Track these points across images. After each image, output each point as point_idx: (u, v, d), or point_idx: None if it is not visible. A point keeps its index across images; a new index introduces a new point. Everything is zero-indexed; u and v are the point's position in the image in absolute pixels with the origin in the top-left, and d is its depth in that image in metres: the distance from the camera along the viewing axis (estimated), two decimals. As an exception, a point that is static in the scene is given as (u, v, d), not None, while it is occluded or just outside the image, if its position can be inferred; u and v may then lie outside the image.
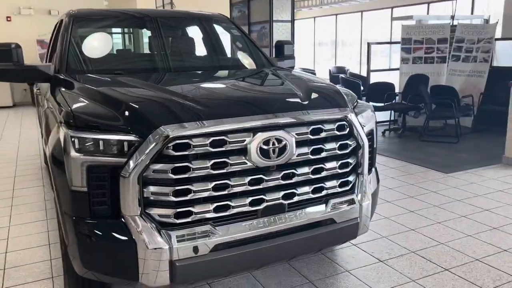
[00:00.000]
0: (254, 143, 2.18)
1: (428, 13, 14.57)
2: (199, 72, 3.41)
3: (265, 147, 2.20)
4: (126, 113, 2.16)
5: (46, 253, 3.43)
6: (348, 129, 2.49)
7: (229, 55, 3.87)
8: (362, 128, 2.56)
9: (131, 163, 2.04)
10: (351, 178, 2.57)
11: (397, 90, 8.34)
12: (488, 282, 2.88)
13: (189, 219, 2.14)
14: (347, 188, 2.55)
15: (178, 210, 2.11)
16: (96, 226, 2.13)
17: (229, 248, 2.20)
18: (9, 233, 3.81)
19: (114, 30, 3.63)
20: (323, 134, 2.39)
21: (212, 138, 2.12)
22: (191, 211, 2.13)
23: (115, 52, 3.48)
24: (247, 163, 2.19)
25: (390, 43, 10.70)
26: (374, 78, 8.95)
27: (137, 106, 2.20)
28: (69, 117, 2.20)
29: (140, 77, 2.92)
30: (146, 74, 3.15)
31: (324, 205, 2.46)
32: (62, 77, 3.00)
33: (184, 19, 3.86)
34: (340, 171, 2.49)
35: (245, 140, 2.18)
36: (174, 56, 3.52)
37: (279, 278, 2.96)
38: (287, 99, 2.47)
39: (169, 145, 2.05)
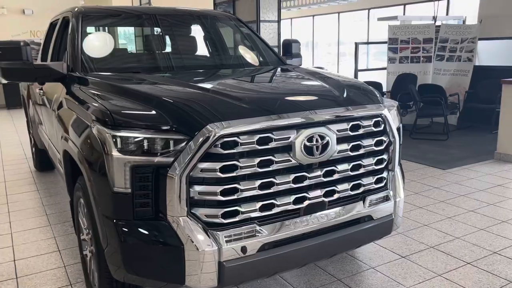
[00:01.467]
0: (299, 140, 2.15)
1: (404, 14, 14.89)
2: (222, 70, 3.34)
3: (308, 144, 2.18)
4: (171, 111, 2.09)
5: (58, 259, 3.29)
6: (383, 125, 2.49)
7: (242, 53, 3.80)
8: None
9: (179, 162, 1.98)
10: (385, 174, 2.57)
11: (384, 89, 8.47)
12: None
13: (236, 219, 2.08)
14: (382, 184, 2.56)
15: (226, 209, 2.06)
16: (140, 228, 2.05)
17: (274, 248, 2.16)
18: (13, 240, 3.64)
19: (124, 28, 3.52)
20: (361, 131, 2.39)
21: (258, 136, 2.07)
22: (238, 210, 2.08)
23: (127, 51, 3.37)
24: (291, 161, 2.16)
25: (377, 43, 10.86)
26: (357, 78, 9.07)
27: (183, 104, 2.13)
28: (105, 116, 2.11)
29: (165, 75, 2.84)
30: (167, 72, 3.06)
31: (361, 202, 2.45)
32: (79, 75, 2.89)
33: (194, 17, 3.78)
34: (376, 167, 2.49)
35: (289, 137, 2.15)
36: (189, 54, 3.44)
37: (307, 277, 2.94)
38: (326, 96, 2.45)
39: (217, 143, 2.00)
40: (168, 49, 3.38)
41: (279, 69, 3.36)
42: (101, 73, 2.98)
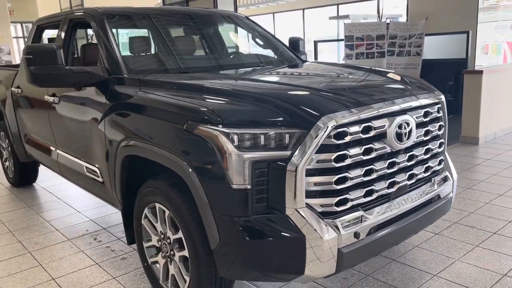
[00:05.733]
0: (392, 127, 2.29)
1: (338, 14, 15.65)
2: (270, 66, 3.37)
3: (399, 130, 2.32)
4: (282, 105, 2.12)
5: (102, 272, 3.12)
6: (441, 111, 2.72)
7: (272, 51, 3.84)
8: (444, 110, 2.82)
9: (298, 155, 2.02)
10: (443, 156, 2.80)
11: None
12: (535, 238, 3.32)
13: (347, 206, 2.17)
14: (442, 166, 2.79)
15: (339, 198, 2.14)
16: (263, 224, 2.06)
17: (378, 231, 2.28)
18: (36, 259, 3.38)
19: (150, 29, 3.43)
20: (429, 117, 2.58)
21: (363, 125, 2.18)
22: (347, 198, 2.17)
23: (163, 51, 3.28)
24: (386, 147, 2.30)
25: (336, 40, 11.32)
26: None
27: (292, 98, 2.18)
28: (212, 115, 2.08)
29: (229, 73, 2.85)
30: (221, 71, 3.04)
31: (430, 183, 2.65)
32: (131, 77, 2.79)
33: (216, 17, 3.76)
34: (439, 150, 2.71)
35: (384, 125, 2.28)
36: (226, 53, 3.43)
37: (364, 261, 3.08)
38: (405, 86, 2.62)
39: (331, 134, 2.07)
40: (204, 49, 3.34)
41: (323, 65, 3.46)
42: (150, 74, 2.89)
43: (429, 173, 2.64)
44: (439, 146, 2.71)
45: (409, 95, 2.48)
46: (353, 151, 2.15)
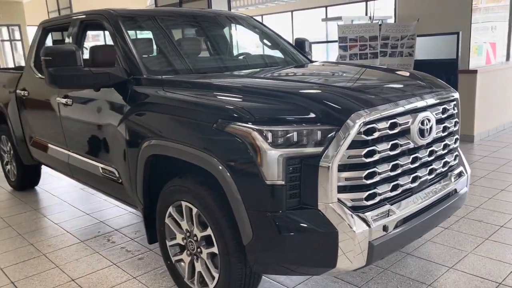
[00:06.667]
0: (415, 123, 2.37)
1: (326, 16, 15.82)
2: (287, 67, 3.44)
3: (421, 127, 2.40)
4: (313, 103, 2.17)
5: (121, 272, 3.13)
6: (456, 107, 2.81)
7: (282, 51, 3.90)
8: (457, 107, 2.91)
9: (331, 151, 2.08)
10: (457, 152, 2.89)
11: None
12: (541, 230, 3.44)
13: (376, 200, 2.24)
14: (457, 161, 2.87)
15: (368, 192, 2.20)
16: (297, 218, 2.11)
17: (403, 224, 2.35)
18: (52, 261, 3.37)
19: (163, 30, 3.45)
20: (446, 113, 2.67)
21: (390, 121, 2.25)
22: (376, 192, 2.24)
23: (179, 52, 3.31)
24: (410, 143, 2.37)
25: (332, 41, 11.42)
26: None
27: (323, 96, 2.23)
28: (240, 113, 2.13)
29: (251, 73, 2.90)
30: (241, 71, 3.10)
31: (447, 177, 2.74)
32: (155, 78, 2.82)
33: (225, 18, 3.81)
34: (455, 145, 2.80)
35: (408, 121, 2.35)
36: (237, 54, 3.48)
37: (380, 255, 3.16)
38: (421, 84, 2.69)
39: (361, 130, 2.13)
40: (218, 50, 3.38)
41: (333, 65, 3.53)
42: (169, 74, 2.92)
43: (446, 168, 2.72)
44: (455, 142, 2.80)
45: (429, 93, 2.56)
46: (381, 146, 2.22)
